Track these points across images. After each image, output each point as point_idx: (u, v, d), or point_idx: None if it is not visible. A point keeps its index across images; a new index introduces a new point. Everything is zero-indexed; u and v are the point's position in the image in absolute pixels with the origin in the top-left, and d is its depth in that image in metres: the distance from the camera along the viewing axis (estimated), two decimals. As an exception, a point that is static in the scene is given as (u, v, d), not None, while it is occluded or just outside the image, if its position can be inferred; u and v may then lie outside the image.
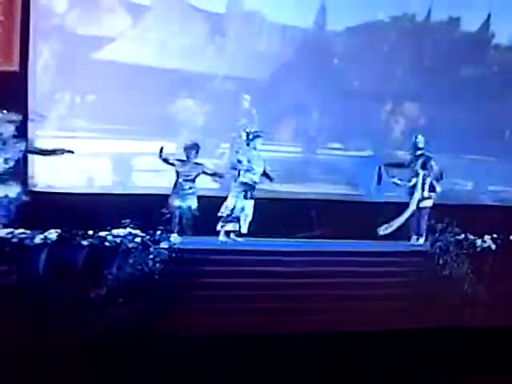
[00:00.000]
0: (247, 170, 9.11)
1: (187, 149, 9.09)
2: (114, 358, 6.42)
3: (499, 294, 8.76)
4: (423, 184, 9.50)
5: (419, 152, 9.72)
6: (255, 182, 9.17)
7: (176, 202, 8.88)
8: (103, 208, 8.62)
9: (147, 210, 8.56)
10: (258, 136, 9.28)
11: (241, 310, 7.89)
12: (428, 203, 9.52)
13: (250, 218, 9.11)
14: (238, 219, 9.06)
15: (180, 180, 8.97)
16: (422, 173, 9.57)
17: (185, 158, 9.06)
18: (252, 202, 9.12)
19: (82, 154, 9.07)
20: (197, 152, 9.10)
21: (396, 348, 7.72)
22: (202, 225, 8.89)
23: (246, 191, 9.10)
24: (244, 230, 9.11)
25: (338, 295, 8.29)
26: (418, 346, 7.79)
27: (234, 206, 9.04)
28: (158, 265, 8.05)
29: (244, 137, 9.28)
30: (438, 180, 9.64)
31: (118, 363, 6.42)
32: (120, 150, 9.79)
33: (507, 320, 8.34)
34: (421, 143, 9.74)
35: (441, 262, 8.83)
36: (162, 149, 8.88)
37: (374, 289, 8.47)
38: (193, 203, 8.98)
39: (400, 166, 9.97)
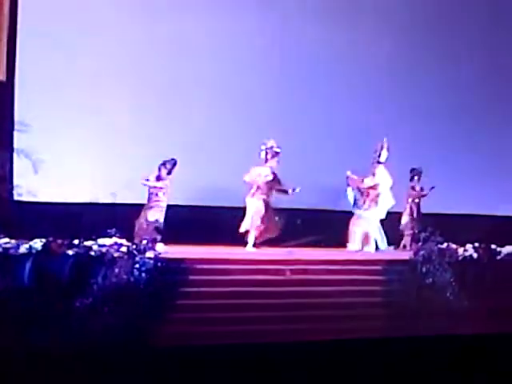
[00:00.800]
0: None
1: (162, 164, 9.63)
2: (100, 368, 6.40)
3: (481, 301, 8.83)
4: None
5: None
6: None
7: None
8: (89, 217, 8.64)
9: (133, 219, 8.61)
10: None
11: (227, 320, 7.91)
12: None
13: None
14: None
15: (151, 195, 9.41)
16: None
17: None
18: None
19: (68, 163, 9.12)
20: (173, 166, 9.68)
21: (380, 356, 7.77)
22: (187, 234, 8.96)
23: None
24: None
25: (322, 303, 8.35)
26: (402, 353, 7.85)
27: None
28: (143, 274, 8.06)
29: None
30: None
31: (103, 373, 6.41)
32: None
33: (489, 327, 8.44)
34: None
35: (424, 270, 8.90)
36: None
37: (359, 297, 8.54)
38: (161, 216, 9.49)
39: None
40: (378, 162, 10.58)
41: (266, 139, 9.93)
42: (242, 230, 9.91)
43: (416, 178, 11.54)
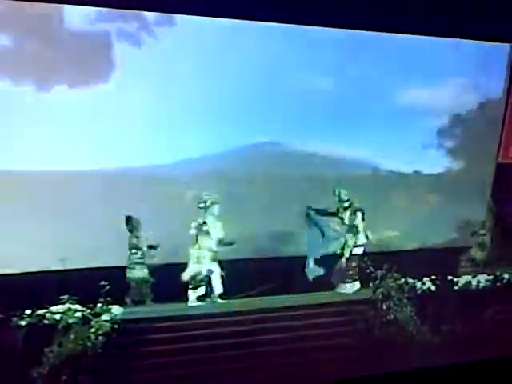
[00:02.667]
0: (206, 235, 9.38)
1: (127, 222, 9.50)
2: None
3: (443, 333, 8.85)
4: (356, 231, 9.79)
5: (346, 204, 10.05)
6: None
7: (128, 274, 9.31)
8: (39, 286, 8.43)
9: (85, 284, 8.42)
10: (215, 202, 9.52)
11: (188, 376, 7.74)
12: (359, 250, 9.85)
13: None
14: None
15: (129, 252, 9.38)
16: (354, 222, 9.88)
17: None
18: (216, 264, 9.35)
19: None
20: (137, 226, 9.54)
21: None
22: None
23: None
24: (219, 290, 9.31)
25: (287, 349, 8.24)
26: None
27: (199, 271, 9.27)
28: (100, 338, 7.86)
29: (202, 204, 9.52)
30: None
31: None
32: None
33: (454, 357, 8.44)
34: (343, 195, 10.09)
35: (384, 307, 8.89)
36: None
37: (322, 340, 8.46)
38: (143, 273, 9.35)
39: (331, 214, 10.14)
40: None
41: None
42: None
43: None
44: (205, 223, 9.36)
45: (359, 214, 9.94)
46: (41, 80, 9.46)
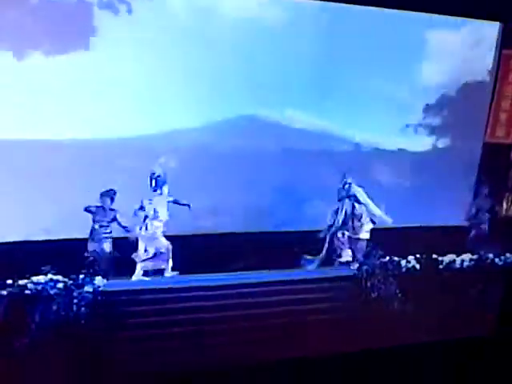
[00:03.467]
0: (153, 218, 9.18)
1: (103, 195, 9.17)
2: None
3: (426, 311, 8.90)
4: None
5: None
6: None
7: (92, 247, 8.91)
8: (21, 256, 8.33)
9: (68, 254, 8.35)
10: (164, 182, 9.35)
11: (172, 349, 7.72)
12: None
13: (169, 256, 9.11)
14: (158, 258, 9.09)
15: (96, 226, 9.04)
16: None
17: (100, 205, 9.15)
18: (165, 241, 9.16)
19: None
20: (112, 198, 9.19)
21: (330, 373, 7.71)
22: (127, 265, 8.76)
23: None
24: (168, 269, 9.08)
25: (269, 325, 8.23)
26: (351, 369, 7.82)
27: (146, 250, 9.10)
28: (83, 309, 7.80)
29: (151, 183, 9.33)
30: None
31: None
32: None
33: (436, 336, 8.51)
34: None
35: (368, 285, 8.90)
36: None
37: (304, 316, 8.45)
38: (107, 247, 9.02)
39: None
40: None
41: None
42: None
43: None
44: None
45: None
46: (16, 47, 9.23)
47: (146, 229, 9.18)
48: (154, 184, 9.33)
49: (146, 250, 9.09)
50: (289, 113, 11.12)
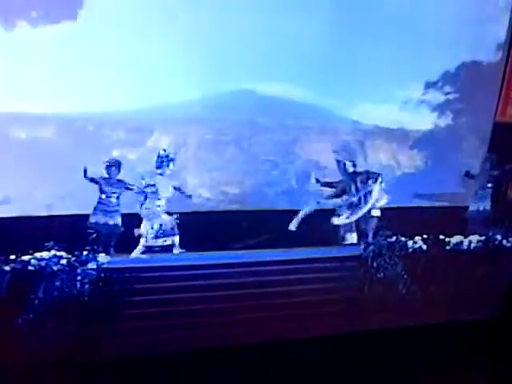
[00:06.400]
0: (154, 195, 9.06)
1: (108, 166, 8.98)
2: None
3: (432, 292, 8.83)
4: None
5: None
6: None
7: (101, 220, 8.73)
8: (24, 231, 8.27)
9: (71, 230, 8.29)
10: (171, 160, 9.20)
11: (176, 326, 7.67)
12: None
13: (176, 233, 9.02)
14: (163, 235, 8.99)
15: (103, 197, 8.87)
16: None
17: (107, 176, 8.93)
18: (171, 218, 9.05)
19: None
20: (118, 169, 8.99)
21: (335, 353, 7.68)
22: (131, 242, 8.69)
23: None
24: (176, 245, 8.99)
25: (275, 304, 8.16)
26: (357, 349, 7.77)
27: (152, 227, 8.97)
28: (86, 286, 7.74)
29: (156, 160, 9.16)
30: None
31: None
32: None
33: (441, 318, 8.45)
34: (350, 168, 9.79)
35: (375, 265, 8.82)
36: (85, 170, 8.68)
37: (310, 295, 8.38)
38: (117, 220, 8.85)
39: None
40: None
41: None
42: None
43: None
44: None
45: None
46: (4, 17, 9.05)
47: (150, 206, 9.11)
48: (161, 161, 9.24)
49: (152, 227, 9.02)
50: (287, 87, 10.97)
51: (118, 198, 8.96)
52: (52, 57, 9.23)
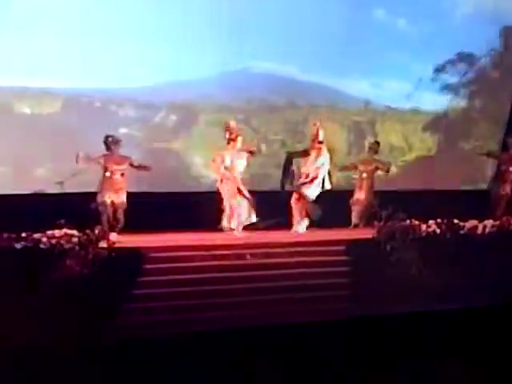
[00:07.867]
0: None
1: (109, 143, 9.08)
2: (54, 362, 6.04)
3: (445, 277, 8.71)
4: None
5: None
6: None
7: (107, 198, 8.79)
8: (36, 209, 8.22)
9: (83, 208, 8.24)
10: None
11: (182, 307, 7.59)
12: None
13: None
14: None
15: (107, 174, 8.81)
16: None
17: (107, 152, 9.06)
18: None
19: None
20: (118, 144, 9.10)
21: (347, 337, 7.59)
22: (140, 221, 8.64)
23: None
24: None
25: (285, 287, 8.09)
26: (369, 333, 7.68)
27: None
28: (97, 264, 7.68)
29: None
30: None
31: (58, 368, 6.05)
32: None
33: (453, 303, 8.34)
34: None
35: (388, 248, 8.72)
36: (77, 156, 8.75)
37: (323, 279, 8.30)
38: (123, 197, 8.87)
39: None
40: (320, 142, 10.18)
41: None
42: None
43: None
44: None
45: None
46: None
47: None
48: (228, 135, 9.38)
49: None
50: (299, 68, 10.87)
51: (122, 174, 8.98)
52: (59, 30, 9.15)
